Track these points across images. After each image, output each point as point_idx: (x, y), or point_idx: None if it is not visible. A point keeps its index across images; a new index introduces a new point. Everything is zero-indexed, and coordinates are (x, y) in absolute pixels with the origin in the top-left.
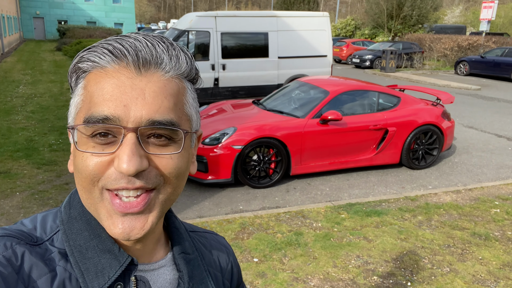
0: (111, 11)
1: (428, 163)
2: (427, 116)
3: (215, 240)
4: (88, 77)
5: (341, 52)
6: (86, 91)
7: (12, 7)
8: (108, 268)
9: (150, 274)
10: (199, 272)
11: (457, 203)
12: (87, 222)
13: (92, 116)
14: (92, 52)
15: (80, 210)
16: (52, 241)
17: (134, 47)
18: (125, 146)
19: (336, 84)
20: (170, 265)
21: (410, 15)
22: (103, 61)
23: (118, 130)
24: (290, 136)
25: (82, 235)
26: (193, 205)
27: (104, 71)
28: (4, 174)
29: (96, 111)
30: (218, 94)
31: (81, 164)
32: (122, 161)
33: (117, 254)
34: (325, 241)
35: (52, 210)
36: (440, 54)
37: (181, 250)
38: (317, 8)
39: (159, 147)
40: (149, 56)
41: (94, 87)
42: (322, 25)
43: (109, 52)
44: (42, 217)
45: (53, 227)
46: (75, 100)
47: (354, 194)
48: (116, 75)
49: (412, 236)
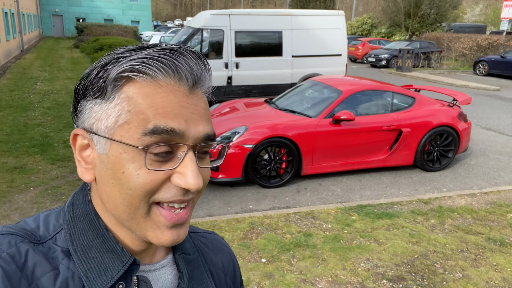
0: (128, 9)
1: (443, 165)
2: (443, 117)
3: (216, 240)
4: (132, 88)
5: (357, 51)
6: (133, 102)
7: (32, 5)
8: (111, 267)
9: (152, 274)
10: (200, 272)
11: (472, 206)
12: (90, 222)
13: (157, 127)
14: (143, 64)
15: (83, 210)
16: (55, 240)
17: (188, 63)
18: (190, 163)
19: (349, 83)
20: (171, 265)
21: (428, 14)
22: (161, 76)
23: (179, 147)
24: (302, 135)
25: (85, 235)
26: (203, 203)
27: (157, 86)
28: (19, 169)
29: (161, 122)
30: (231, 92)
31: (135, 181)
32: (190, 178)
33: (120, 254)
34: (335, 243)
35: (55, 209)
36: (459, 54)
37: (181, 251)
38: (333, 6)
39: (203, 160)
40: (199, 74)
41: (149, 99)
42: (337, 24)
43: (169, 68)
44: (45, 216)
45: (56, 226)
46: (113, 110)
47: (365, 196)
48: (172, 90)
49: (424, 240)
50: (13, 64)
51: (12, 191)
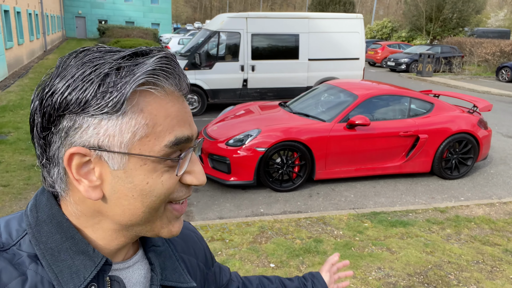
0: (149, 12)
1: (461, 173)
2: (462, 124)
3: (184, 227)
4: (146, 100)
5: (376, 54)
6: (148, 115)
7: (56, 6)
8: (83, 269)
9: (125, 272)
10: (171, 262)
11: (490, 217)
12: (57, 224)
13: (178, 138)
14: (155, 76)
15: (49, 213)
16: (19, 245)
17: (181, 71)
18: (196, 161)
19: (365, 88)
20: (143, 260)
21: (450, 18)
22: (168, 85)
23: (189, 148)
24: (315, 140)
25: (53, 238)
26: (214, 205)
27: (165, 94)
28: (36, 167)
29: (180, 132)
30: (247, 95)
31: (161, 188)
32: (201, 175)
33: (91, 255)
34: (346, 250)
35: (15, 214)
36: (481, 59)
37: (151, 244)
38: (353, 10)
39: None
40: (186, 83)
41: (162, 110)
42: (355, 27)
43: (172, 77)
44: (6, 222)
45: (19, 232)
46: (129, 125)
47: (379, 203)
48: (175, 98)
49: (438, 250)
50: (36, 64)
51: (28, 188)
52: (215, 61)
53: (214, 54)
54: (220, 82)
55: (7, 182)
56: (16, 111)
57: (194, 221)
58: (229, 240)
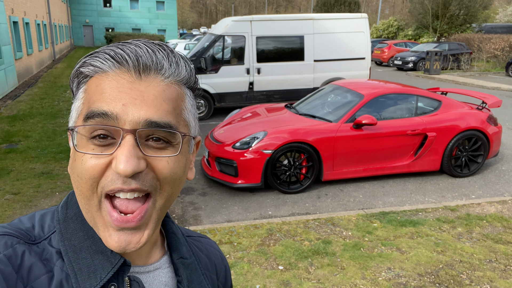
0: (155, 18)
1: (471, 171)
2: (471, 120)
3: (209, 245)
4: (89, 82)
5: (382, 54)
6: (87, 94)
7: (63, 16)
8: (100, 269)
9: (146, 276)
10: (197, 276)
11: (502, 214)
12: (82, 222)
13: (91, 111)
14: (94, 57)
15: (76, 211)
16: (50, 240)
17: (135, 52)
18: (123, 147)
19: (371, 87)
20: (165, 268)
21: (457, 15)
22: (105, 66)
23: (117, 132)
24: (322, 141)
25: (77, 235)
26: (222, 209)
27: (105, 76)
28: (46, 174)
29: (95, 106)
30: (253, 98)
31: (80, 167)
32: (120, 162)
33: (109, 255)
34: (355, 251)
35: (50, 208)
36: (490, 55)
37: (179, 255)
38: (358, 9)
39: (157, 150)
40: (149, 61)
41: (94, 89)
42: (360, 27)
43: (111, 58)
44: (41, 216)
45: (51, 227)
46: (76, 104)
47: (389, 202)
48: (116, 78)
49: (450, 249)
50: (45, 73)
51: (38, 195)
52: (220, 65)
53: (220, 58)
54: (226, 85)
55: (17, 190)
56: (26, 120)
57: (202, 224)
58: (237, 243)
